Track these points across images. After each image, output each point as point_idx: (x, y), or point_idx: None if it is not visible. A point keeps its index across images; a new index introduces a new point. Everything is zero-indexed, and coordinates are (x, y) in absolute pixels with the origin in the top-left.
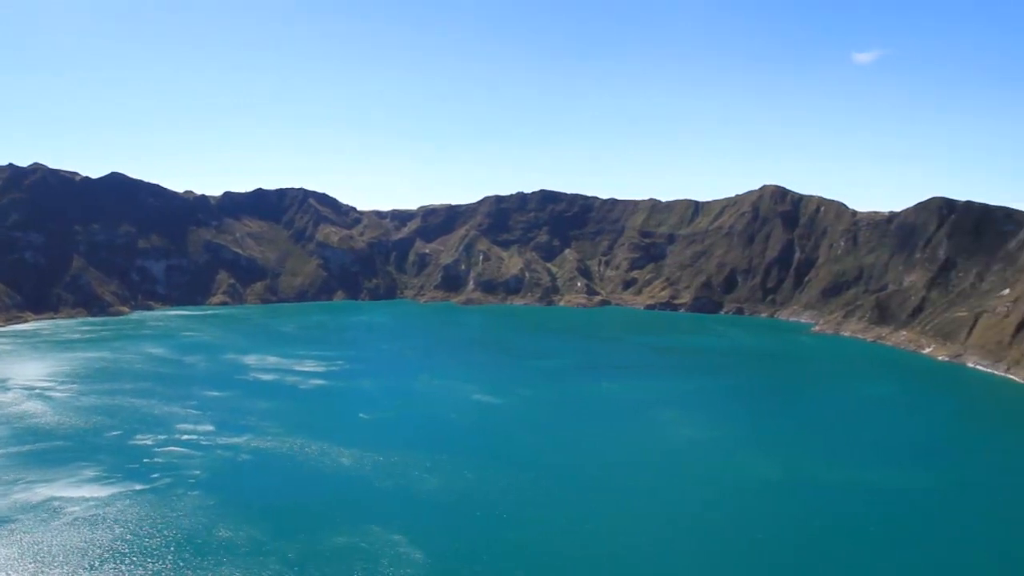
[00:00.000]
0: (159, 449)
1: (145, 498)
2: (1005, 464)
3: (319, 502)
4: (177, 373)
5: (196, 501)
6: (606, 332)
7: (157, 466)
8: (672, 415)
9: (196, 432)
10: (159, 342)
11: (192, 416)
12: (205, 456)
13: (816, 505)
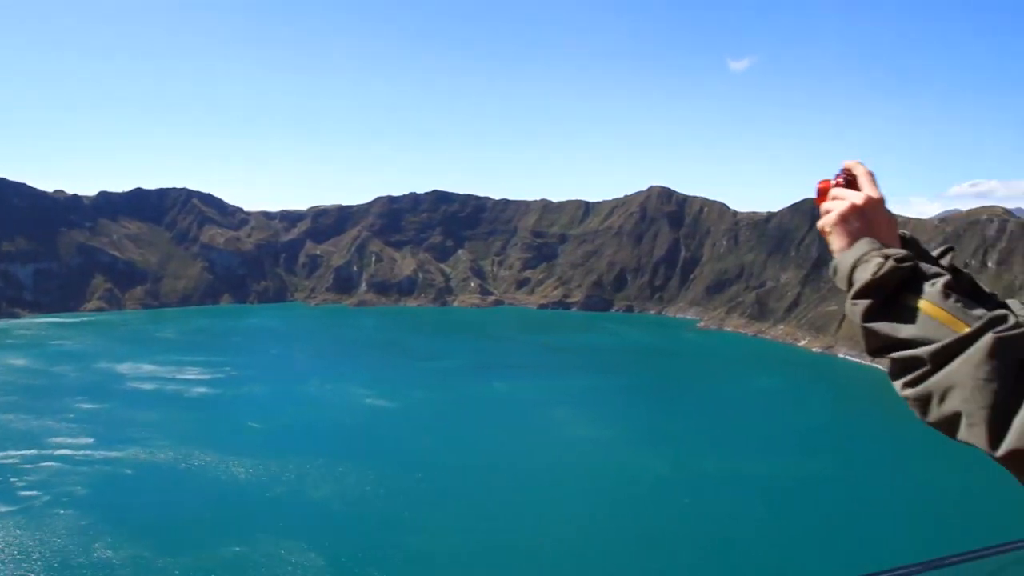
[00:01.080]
0: (30, 466)
1: (15, 520)
2: (874, 447)
3: (208, 514)
4: (48, 384)
5: (73, 520)
6: (500, 332)
7: (29, 484)
8: (566, 413)
9: (72, 446)
10: (25, 352)
11: (67, 429)
12: (83, 471)
13: (706, 496)
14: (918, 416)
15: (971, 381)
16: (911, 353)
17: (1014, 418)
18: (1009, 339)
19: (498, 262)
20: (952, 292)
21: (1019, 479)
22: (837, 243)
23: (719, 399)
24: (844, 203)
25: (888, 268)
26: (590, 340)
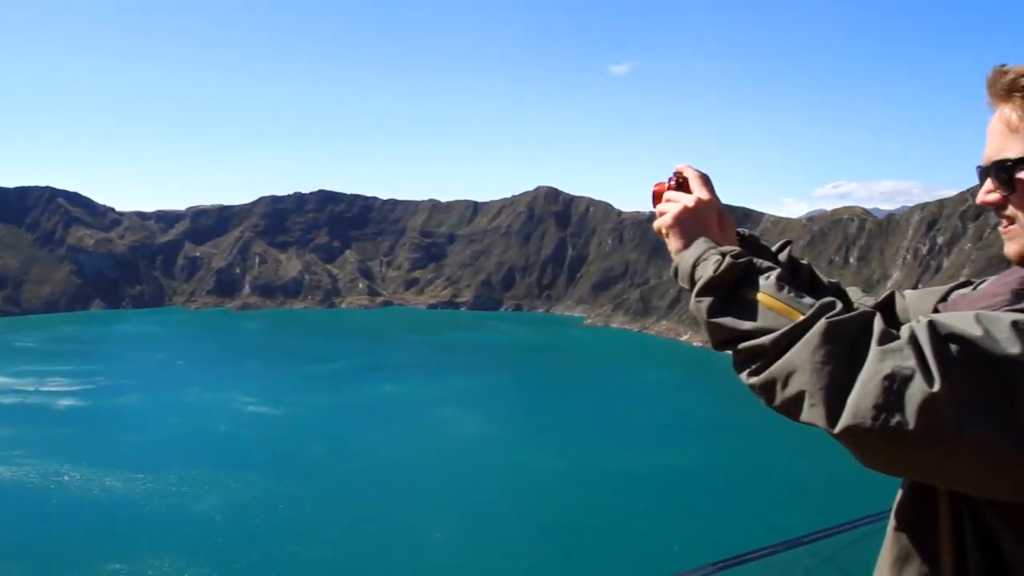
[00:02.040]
0: None
1: None
2: (750, 435)
3: (83, 533)
4: None
5: None
6: (389, 332)
7: None
8: (457, 413)
9: None
10: None
11: None
12: None
13: (598, 489)
14: (764, 403)
15: (809, 364)
16: (754, 343)
17: (848, 397)
18: (840, 322)
19: (386, 262)
20: (785, 284)
21: (854, 454)
22: (674, 244)
23: (608, 394)
24: (677, 205)
25: (726, 265)
26: (480, 339)
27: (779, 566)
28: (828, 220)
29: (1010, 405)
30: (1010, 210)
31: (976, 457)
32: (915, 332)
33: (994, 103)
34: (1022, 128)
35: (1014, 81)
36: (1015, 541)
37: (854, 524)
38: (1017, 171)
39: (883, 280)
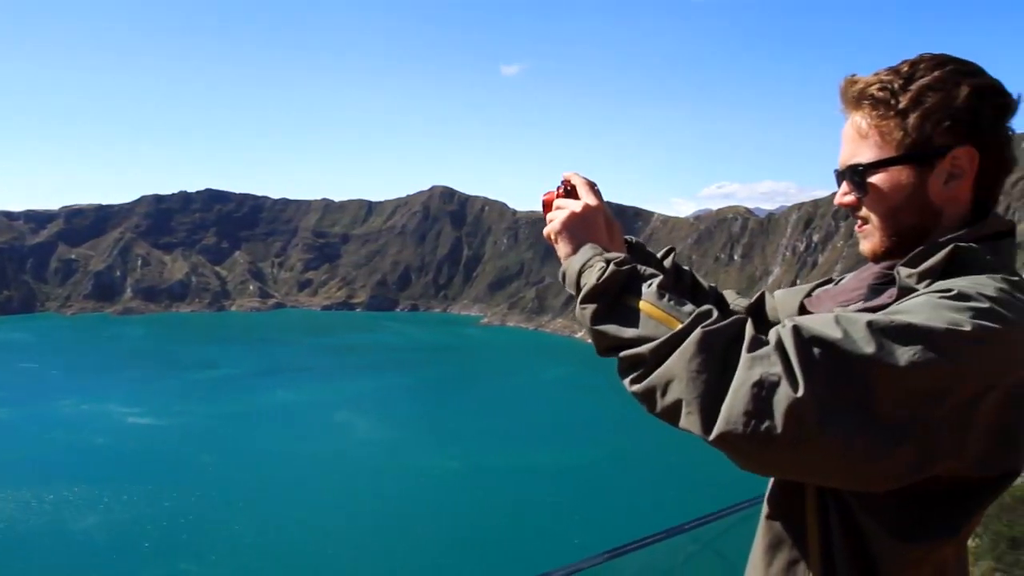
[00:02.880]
0: None
1: None
2: (641, 429)
3: None
4: None
5: None
6: (282, 335)
7: None
8: (353, 416)
9: None
10: None
11: None
12: None
13: (499, 488)
14: (645, 409)
15: (685, 374)
16: (635, 351)
17: (721, 404)
18: (714, 332)
19: (278, 263)
20: (666, 291)
21: (730, 459)
22: (562, 250)
23: (506, 392)
24: (565, 212)
25: (609, 272)
26: (376, 340)
27: (664, 553)
28: (714, 219)
29: (869, 404)
30: (864, 211)
31: (841, 457)
32: (781, 337)
33: (846, 111)
34: (871, 134)
35: (862, 90)
36: (878, 529)
37: (732, 509)
38: (868, 175)
39: (765, 276)
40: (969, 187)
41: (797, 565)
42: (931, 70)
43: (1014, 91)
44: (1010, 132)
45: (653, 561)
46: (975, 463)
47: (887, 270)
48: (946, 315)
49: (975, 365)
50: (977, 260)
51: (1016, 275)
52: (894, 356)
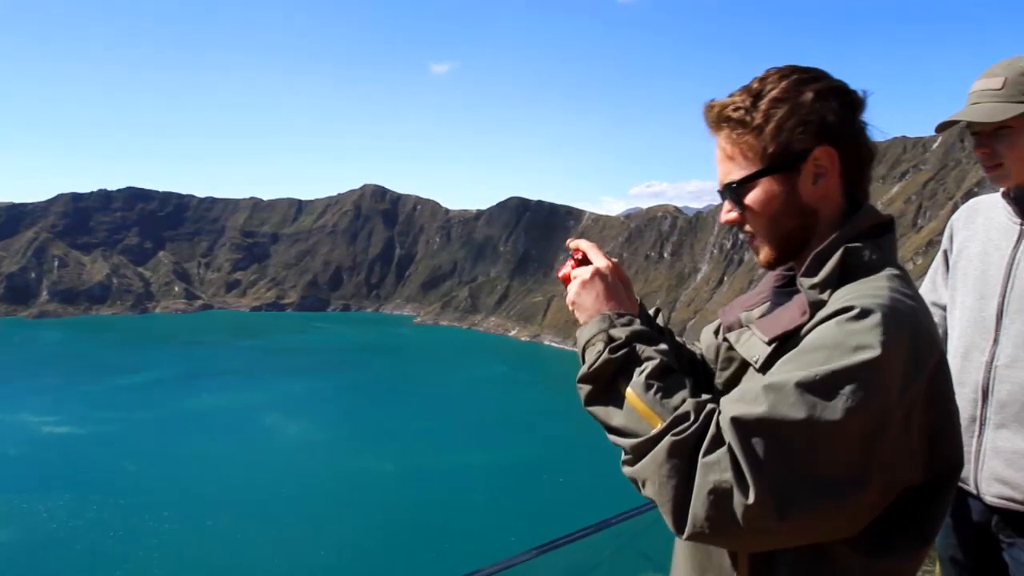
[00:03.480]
0: None
1: None
2: (576, 424)
3: None
4: None
5: None
6: (210, 337)
7: None
8: (286, 419)
9: None
10: None
11: None
12: None
13: (434, 488)
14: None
15: (657, 478)
16: (619, 441)
17: (689, 508)
18: (682, 441)
19: (205, 264)
20: (655, 382)
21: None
22: (580, 319)
23: (440, 392)
24: (577, 281)
25: (602, 361)
26: (307, 341)
27: (589, 548)
28: (644, 218)
29: (822, 468)
30: (748, 226)
31: (810, 529)
32: (727, 437)
33: (712, 134)
34: (736, 154)
35: (719, 114)
36: (844, 549)
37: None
38: (743, 191)
39: (693, 274)
40: (837, 183)
41: None
42: (777, 83)
43: (859, 89)
44: (862, 125)
45: (581, 556)
46: (924, 468)
47: (786, 271)
48: (857, 340)
49: (899, 380)
50: (866, 260)
51: (900, 268)
52: (828, 411)
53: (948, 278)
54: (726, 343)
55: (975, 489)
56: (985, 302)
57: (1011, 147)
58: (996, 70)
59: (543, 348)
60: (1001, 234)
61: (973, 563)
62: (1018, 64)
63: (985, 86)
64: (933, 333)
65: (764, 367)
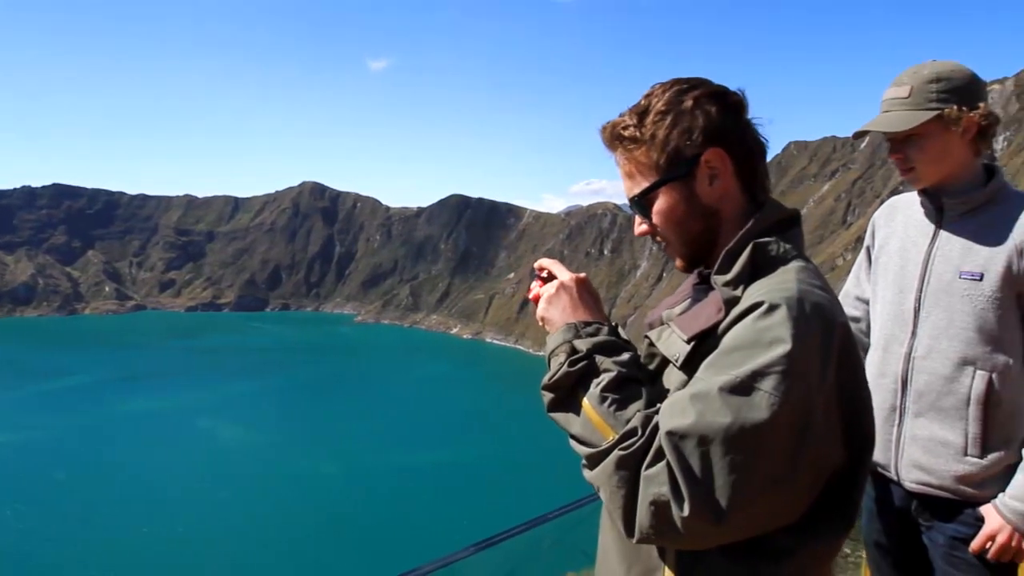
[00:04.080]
0: None
1: None
2: (517, 420)
3: None
4: None
5: None
6: (143, 339)
7: None
8: (223, 422)
9: None
10: None
11: None
12: None
13: (377, 489)
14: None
15: (607, 487)
16: (576, 449)
17: (635, 516)
18: (629, 456)
19: (137, 263)
20: (609, 395)
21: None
22: (549, 331)
23: (382, 392)
24: (544, 297)
25: (562, 374)
26: (245, 341)
27: (527, 543)
28: (584, 215)
29: (754, 469)
30: (659, 235)
31: (749, 527)
32: (665, 451)
33: (610, 153)
34: (633, 170)
35: (612, 133)
36: (778, 532)
37: (589, 499)
38: (647, 203)
39: (633, 270)
40: (733, 181)
41: (654, 575)
42: (661, 95)
43: (738, 90)
44: (747, 123)
45: (519, 551)
46: (844, 449)
47: (703, 271)
48: (771, 336)
49: (816, 368)
50: (774, 254)
51: (807, 260)
52: (754, 411)
53: (871, 273)
54: (647, 340)
55: (896, 476)
56: (904, 296)
57: (920, 152)
58: (903, 79)
59: (485, 346)
60: (919, 231)
61: (896, 546)
62: (922, 72)
63: (894, 95)
64: (841, 319)
65: (685, 365)
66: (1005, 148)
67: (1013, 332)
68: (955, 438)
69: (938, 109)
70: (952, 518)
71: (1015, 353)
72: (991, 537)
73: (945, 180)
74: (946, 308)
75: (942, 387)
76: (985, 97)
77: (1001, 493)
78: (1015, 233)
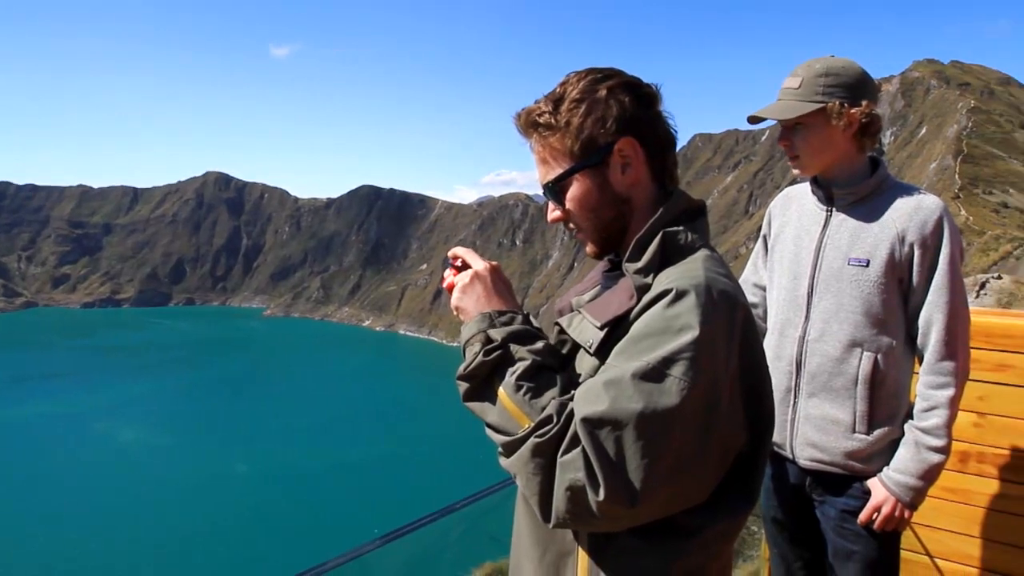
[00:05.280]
0: None
1: None
2: (438, 413)
3: None
4: None
5: None
6: (34, 338)
7: None
8: (120, 424)
9: None
10: None
11: None
12: None
13: (289, 489)
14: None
15: (524, 474)
16: (493, 436)
17: (552, 502)
18: (544, 443)
19: (27, 257)
20: (524, 383)
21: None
22: (464, 321)
23: (294, 387)
24: (458, 287)
25: (477, 363)
26: (147, 338)
27: (435, 534)
28: (496, 206)
29: (666, 452)
30: (572, 222)
31: (663, 508)
32: (580, 438)
33: (525, 139)
34: (548, 156)
35: (527, 119)
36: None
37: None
38: (560, 190)
39: (545, 260)
40: (645, 171)
41: (569, 557)
42: (576, 84)
43: (654, 82)
44: (658, 115)
45: (427, 542)
46: (747, 429)
47: (613, 259)
48: (680, 322)
49: (722, 352)
50: (683, 243)
51: (712, 249)
52: (665, 396)
53: (767, 261)
54: (557, 327)
55: (791, 454)
56: (798, 282)
57: (804, 141)
58: (798, 71)
59: (398, 337)
60: (811, 220)
61: (792, 522)
62: (815, 66)
63: (788, 84)
64: (744, 305)
65: (598, 351)
66: (892, 142)
67: (896, 315)
68: (844, 416)
69: (823, 102)
70: (842, 492)
71: (897, 335)
72: (877, 508)
73: (829, 170)
74: (836, 293)
75: (833, 368)
76: (873, 96)
77: (886, 467)
78: (897, 222)
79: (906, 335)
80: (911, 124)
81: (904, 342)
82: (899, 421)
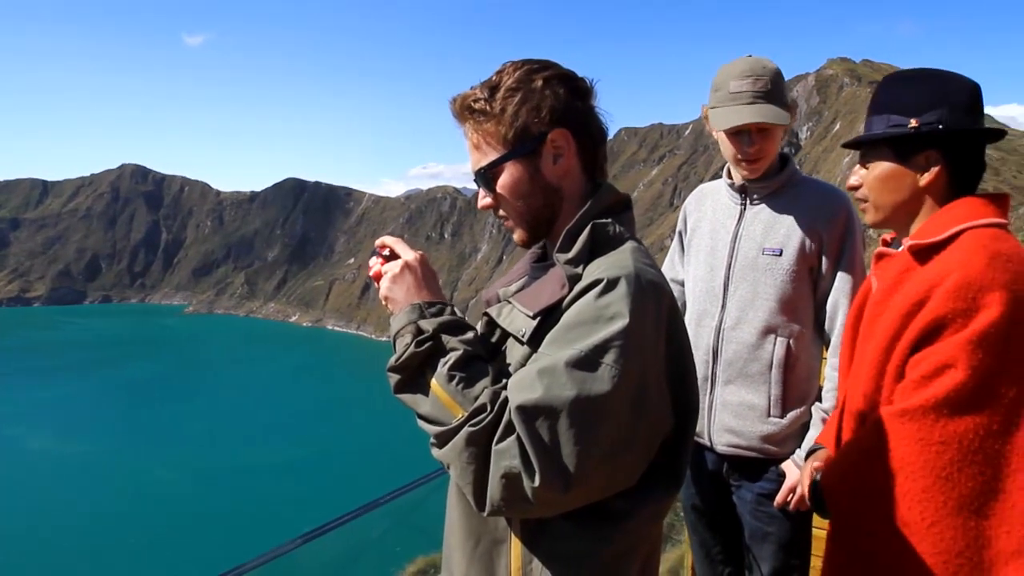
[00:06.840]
0: None
1: None
2: (367, 409)
3: None
4: None
5: None
6: None
7: None
8: (29, 429)
9: None
10: None
11: None
12: None
13: (215, 492)
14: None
15: (458, 464)
16: (426, 427)
17: (487, 490)
18: (478, 432)
19: None
20: (457, 373)
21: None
22: (393, 311)
23: (220, 386)
24: (386, 277)
25: (408, 354)
26: (60, 338)
27: (359, 530)
28: (424, 199)
29: (600, 439)
30: (501, 209)
31: (597, 492)
32: (515, 425)
33: (459, 125)
34: (481, 142)
35: (462, 105)
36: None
37: (426, 479)
38: (491, 177)
39: (474, 253)
40: (576, 162)
41: (502, 545)
42: (513, 73)
43: (588, 76)
44: (591, 108)
45: (350, 540)
46: (673, 415)
47: (540, 249)
48: (611, 311)
49: (651, 340)
50: (612, 234)
51: (639, 241)
52: (597, 383)
53: (683, 255)
54: (486, 317)
55: (709, 441)
56: (714, 273)
57: (772, 144)
58: (758, 71)
59: (327, 333)
60: (727, 214)
61: (711, 508)
62: (768, 67)
63: (760, 88)
64: (670, 294)
65: (531, 340)
66: (808, 137)
67: (806, 302)
68: (760, 401)
69: (788, 105)
70: (758, 476)
71: (807, 321)
72: (792, 490)
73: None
74: (752, 282)
75: (748, 355)
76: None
77: (798, 449)
78: (808, 214)
79: (815, 321)
80: (826, 120)
81: (813, 328)
82: (810, 404)
